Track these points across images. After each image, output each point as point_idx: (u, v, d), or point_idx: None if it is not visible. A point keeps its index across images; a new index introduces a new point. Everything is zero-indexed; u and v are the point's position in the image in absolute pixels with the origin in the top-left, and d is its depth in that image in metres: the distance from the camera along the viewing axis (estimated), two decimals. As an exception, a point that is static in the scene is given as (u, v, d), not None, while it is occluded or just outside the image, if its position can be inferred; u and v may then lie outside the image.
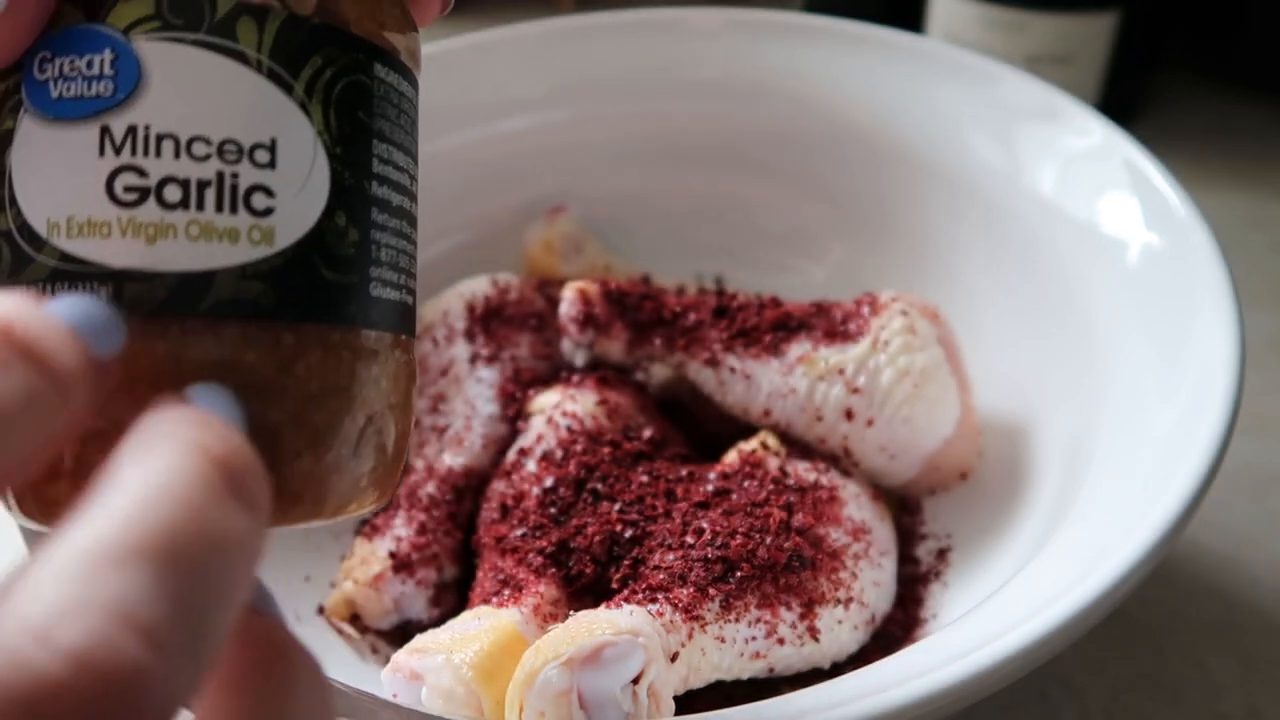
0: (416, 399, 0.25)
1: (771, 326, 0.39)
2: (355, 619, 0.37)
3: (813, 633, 0.32)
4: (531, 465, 0.37)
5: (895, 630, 0.35)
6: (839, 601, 0.33)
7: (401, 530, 0.38)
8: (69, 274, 0.20)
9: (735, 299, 0.40)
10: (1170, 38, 0.67)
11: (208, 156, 0.20)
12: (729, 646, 0.31)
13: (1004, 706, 0.36)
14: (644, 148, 0.50)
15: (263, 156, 0.20)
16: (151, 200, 0.20)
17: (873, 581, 0.35)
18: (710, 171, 0.51)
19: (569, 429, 0.38)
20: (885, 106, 0.46)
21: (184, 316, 0.20)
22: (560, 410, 0.38)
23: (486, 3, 0.85)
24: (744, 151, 0.50)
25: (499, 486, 0.38)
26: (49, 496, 0.20)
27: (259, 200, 0.20)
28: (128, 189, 0.20)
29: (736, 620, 0.31)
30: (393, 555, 0.37)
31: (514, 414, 0.41)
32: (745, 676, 0.32)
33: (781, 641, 0.32)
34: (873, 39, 0.47)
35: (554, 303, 0.44)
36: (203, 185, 0.20)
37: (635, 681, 0.27)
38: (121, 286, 0.20)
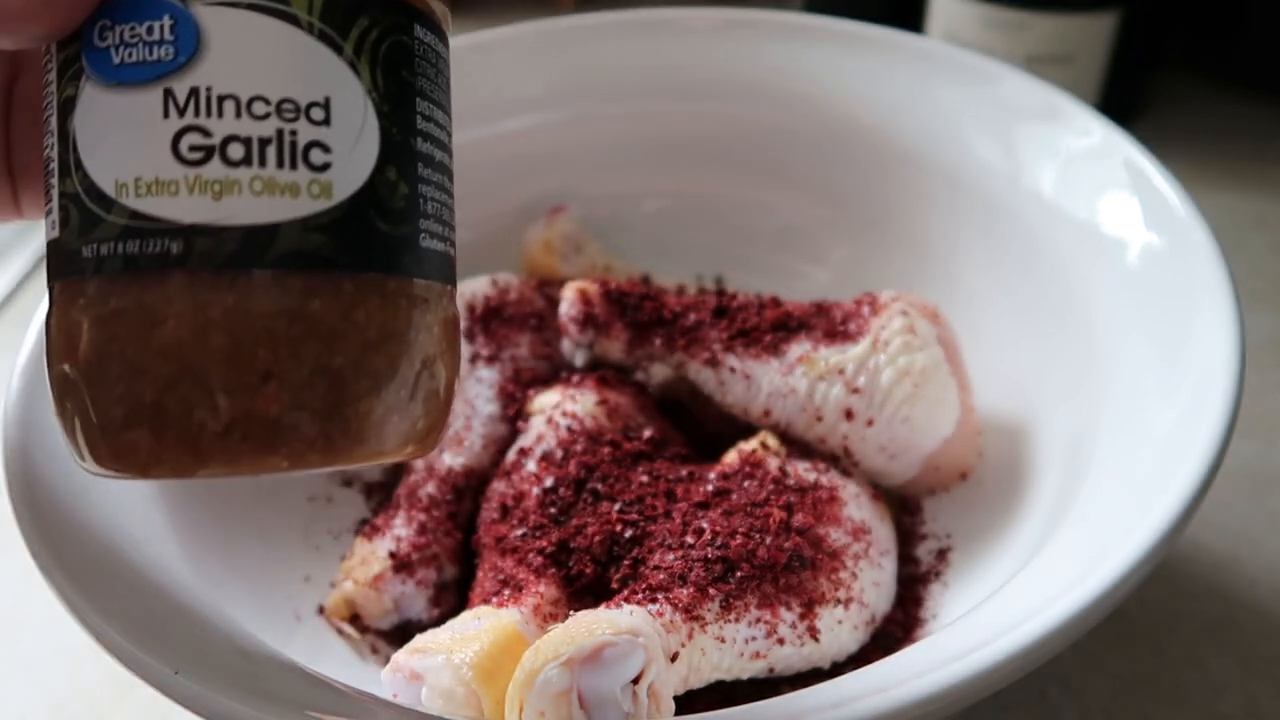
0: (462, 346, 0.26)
1: (771, 326, 0.39)
2: (355, 619, 0.37)
3: (813, 633, 0.32)
4: (531, 465, 0.37)
5: (895, 630, 0.35)
6: (839, 601, 0.33)
7: (401, 530, 0.38)
8: (139, 230, 0.20)
9: (735, 299, 0.40)
10: (1170, 38, 0.67)
11: (267, 115, 0.21)
12: (729, 646, 0.31)
13: (1004, 706, 0.36)
14: (644, 148, 0.50)
15: (318, 114, 0.21)
16: (216, 158, 0.20)
17: (873, 581, 0.35)
18: (710, 171, 0.51)
19: (569, 429, 0.38)
20: (886, 106, 0.46)
21: (251, 268, 0.21)
22: (560, 410, 0.38)
23: (486, 3, 0.85)
24: (744, 152, 0.50)
25: (499, 486, 0.38)
26: (127, 442, 0.21)
27: (317, 156, 0.21)
28: (193, 148, 0.20)
29: (736, 620, 0.31)
30: (393, 555, 0.37)
31: (514, 414, 0.41)
32: (745, 676, 0.32)
33: (781, 641, 0.32)
34: (873, 39, 0.47)
35: (554, 303, 0.44)
36: (264, 143, 0.21)
37: (635, 681, 0.27)
38: (191, 241, 0.20)
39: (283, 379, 0.21)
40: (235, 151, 0.20)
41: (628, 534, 0.34)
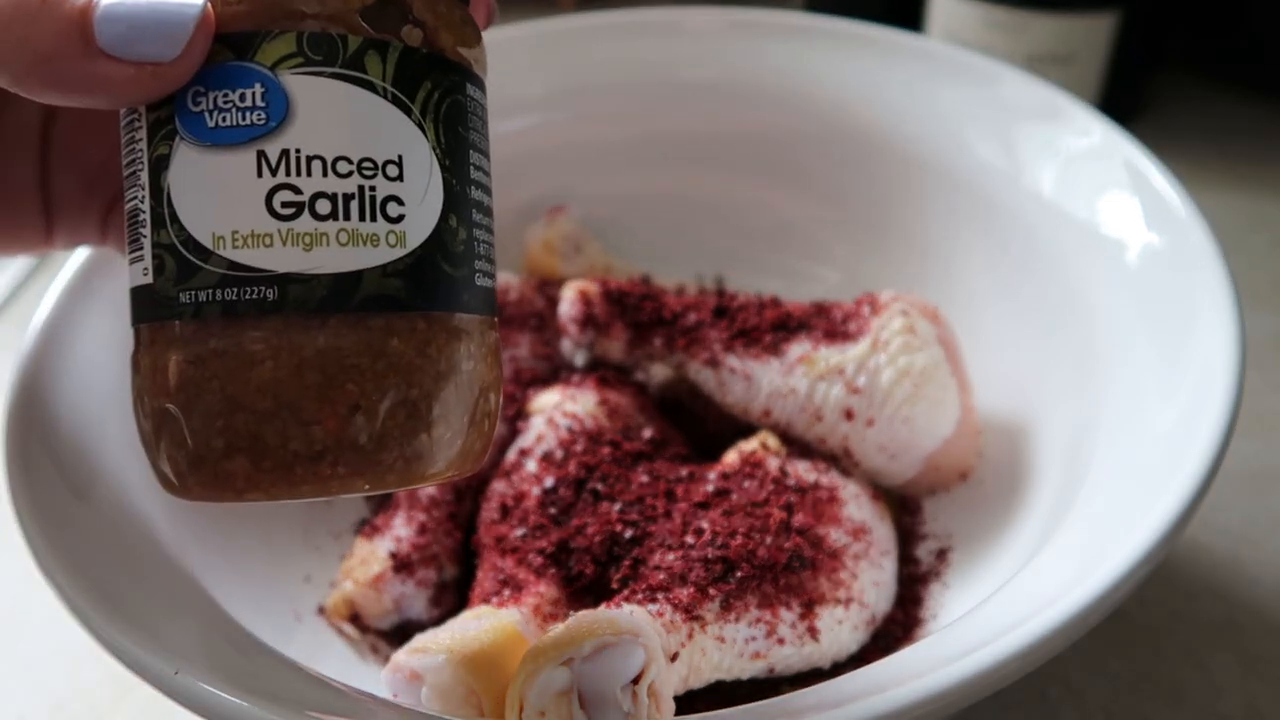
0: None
1: (771, 326, 0.39)
2: (355, 619, 0.37)
3: (813, 633, 0.32)
4: (531, 465, 0.37)
5: (895, 630, 0.35)
6: (839, 601, 0.33)
7: (401, 530, 0.38)
8: (237, 279, 0.22)
9: (735, 299, 0.40)
10: (1170, 38, 0.67)
11: (350, 173, 0.23)
12: (729, 646, 0.31)
13: (1004, 706, 0.36)
14: (644, 148, 0.50)
15: (393, 171, 0.23)
16: (306, 213, 0.23)
17: (873, 581, 0.35)
18: (710, 171, 0.51)
19: (569, 429, 0.38)
20: (886, 106, 0.46)
21: (340, 311, 0.23)
22: (560, 410, 0.38)
23: (486, 3, 0.84)
24: (744, 151, 0.50)
25: (499, 486, 0.38)
26: (226, 471, 0.23)
27: (393, 209, 0.23)
28: (285, 204, 0.22)
29: (736, 620, 0.31)
30: (393, 555, 0.37)
31: (514, 414, 0.41)
32: (745, 676, 0.32)
33: (781, 641, 0.32)
34: (873, 39, 0.47)
35: (554, 303, 0.44)
36: (348, 198, 0.23)
37: (635, 681, 0.27)
38: (286, 288, 0.22)
39: (369, 410, 0.23)
40: (323, 207, 0.23)
41: (628, 534, 0.34)
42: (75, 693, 0.39)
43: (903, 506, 0.40)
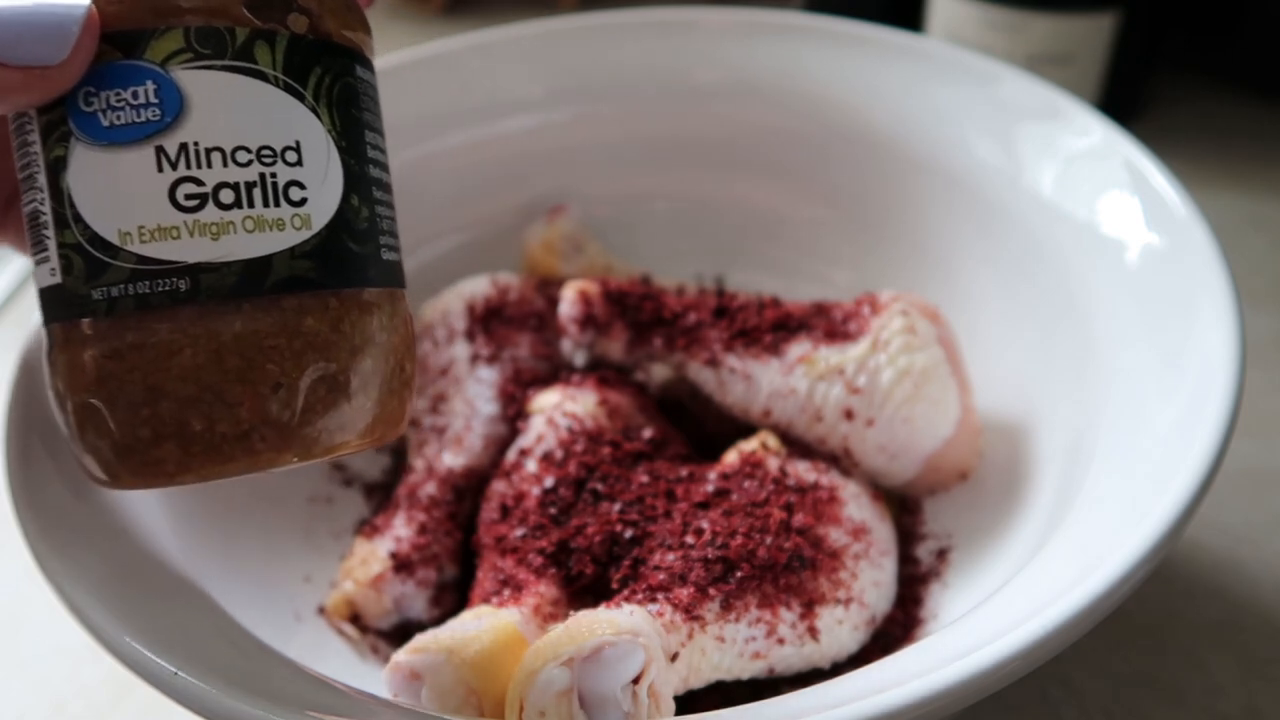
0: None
1: (771, 327, 0.39)
2: (355, 619, 0.37)
3: (813, 633, 0.32)
4: (531, 465, 0.37)
5: (895, 630, 0.35)
6: (839, 601, 0.33)
7: (402, 530, 0.38)
8: (148, 272, 0.23)
9: (735, 299, 0.40)
10: (1170, 38, 0.67)
11: (250, 162, 0.23)
12: (729, 646, 0.31)
13: (1004, 706, 0.36)
14: (644, 148, 0.50)
15: (292, 156, 0.24)
16: (211, 204, 0.23)
17: (873, 581, 0.35)
18: (710, 171, 0.51)
19: (569, 429, 0.38)
20: (885, 106, 0.46)
21: (252, 296, 0.23)
22: (560, 410, 0.38)
23: (486, 3, 0.85)
24: (744, 151, 0.50)
25: (499, 486, 0.38)
26: (155, 458, 0.23)
27: (295, 193, 0.24)
28: (189, 197, 0.23)
29: (736, 620, 0.31)
30: (393, 555, 0.37)
31: (514, 414, 0.41)
32: (745, 676, 0.32)
33: (781, 641, 0.32)
34: (873, 39, 0.47)
35: (554, 303, 0.44)
36: (250, 186, 0.23)
37: (635, 681, 0.27)
38: (197, 278, 0.23)
39: (290, 388, 0.24)
40: (226, 196, 0.23)
41: (628, 534, 0.34)
42: (75, 692, 0.39)
43: (903, 506, 0.40)
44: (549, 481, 0.36)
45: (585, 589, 0.34)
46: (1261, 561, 0.41)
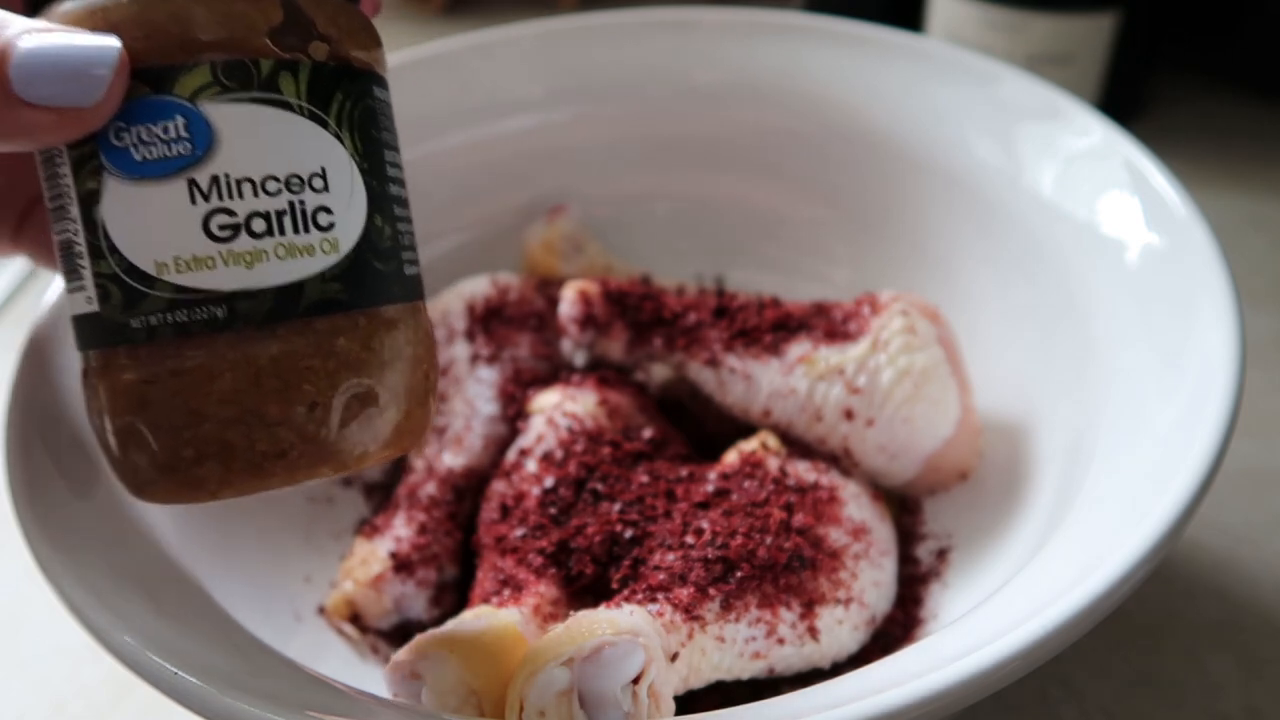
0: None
1: (771, 327, 0.39)
2: (355, 619, 0.37)
3: (813, 633, 0.32)
4: (531, 465, 0.37)
5: (895, 630, 0.35)
6: (839, 601, 0.33)
7: (402, 530, 0.38)
8: (185, 302, 0.23)
9: (735, 299, 0.40)
10: (1170, 38, 0.67)
11: (279, 191, 0.24)
12: (729, 646, 0.31)
13: (1004, 706, 0.36)
14: (644, 148, 0.50)
15: (318, 183, 0.24)
16: (243, 233, 0.24)
17: (873, 581, 0.35)
18: (710, 171, 0.51)
19: (569, 429, 0.38)
20: (885, 106, 0.46)
21: (287, 320, 0.24)
22: (560, 410, 0.38)
23: (486, 3, 0.85)
24: (744, 151, 0.50)
25: (499, 486, 0.38)
26: (197, 477, 0.24)
27: (323, 218, 0.24)
28: (222, 227, 0.23)
29: (736, 620, 0.31)
30: (393, 555, 0.37)
31: (514, 414, 0.41)
32: (745, 676, 0.32)
33: (781, 641, 0.32)
34: (873, 39, 0.47)
35: (554, 303, 0.44)
36: (280, 214, 0.24)
37: (635, 681, 0.27)
38: (234, 305, 0.24)
39: (326, 406, 0.24)
40: (258, 225, 0.24)
41: (628, 534, 0.34)
42: (75, 692, 0.39)
43: (903, 506, 0.40)
44: (549, 481, 0.36)
45: (585, 589, 0.34)
46: (1261, 561, 0.41)
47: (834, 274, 0.49)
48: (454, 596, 0.38)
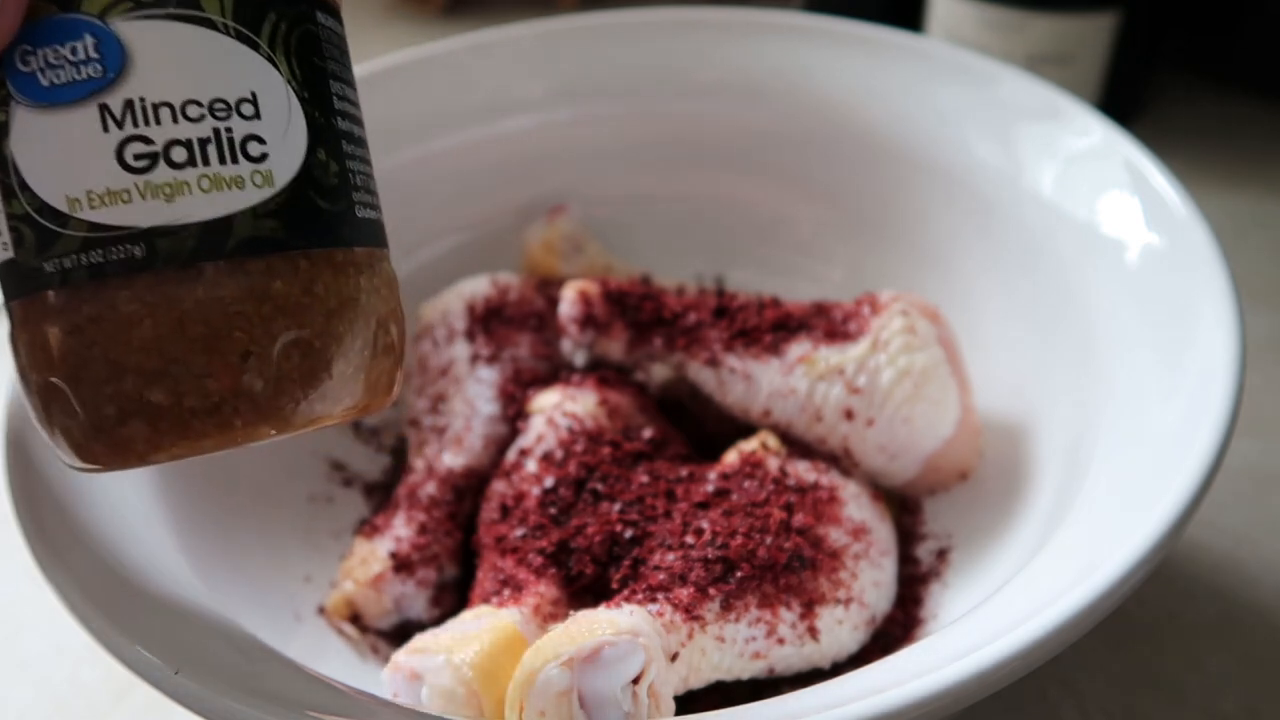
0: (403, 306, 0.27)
1: (771, 327, 0.39)
2: (355, 619, 0.37)
3: (813, 633, 0.32)
4: (531, 465, 0.37)
5: (895, 630, 0.35)
6: (839, 601, 0.33)
7: (402, 530, 0.38)
8: (100, 240, 0.22)
9: (735, 299, 0.40)
10: (1170, 37, 0.67)
11: (202, 117, 0.22)
12: (729, 646, 0.31)
13: (1004, 707, 0.36)
14: (644, 148, 0.50)
15: (248, 109, 0.22)
16: (162, 163, 0.22)
17: (873, 581, 0.35)
18: (710, 171, 0.51)
19: (569, 429, 0.38)
20: (885, 106, 0.46)
21: (214, 260, 0.22)
22: (560, 410, 0.38)
23: (487, 3, 0.85)
24: (744, 151, 0.50)
25: (499, 486, 0.38)
26: (123, 437, 0.22)
27: (254, 148, 0.22)
28: (138, 156, 0.22)
29: (736, 620, 0.31)
30: (393, 555, 0.37)
31: (514, 414, 0.41)
32: (745, 676, 0.32)
33: (781, 641, 0.32)
34: (873, 39, 0.47)
35: (554, 303, 0.44)
36: (203, 143, 0.22)
37: (635, 681, 0.27)
38: (153, 243, 0.22)
39: (261, 355, 0.22)
40: (179, 155, 0.22)
41: (628, 534, 0.34)
42: (75, 692, 0.39)
43: (903, 506, 0.40)
44: (549, 481, 0.36)
45: (585, 589, 0.34)
46: (1261, 561, 0.41)
47: (834, 274, 0.49)
48: (454, 596, 0.38)
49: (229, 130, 0.22)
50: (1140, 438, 0.30)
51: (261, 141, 0.23)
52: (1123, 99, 0.63)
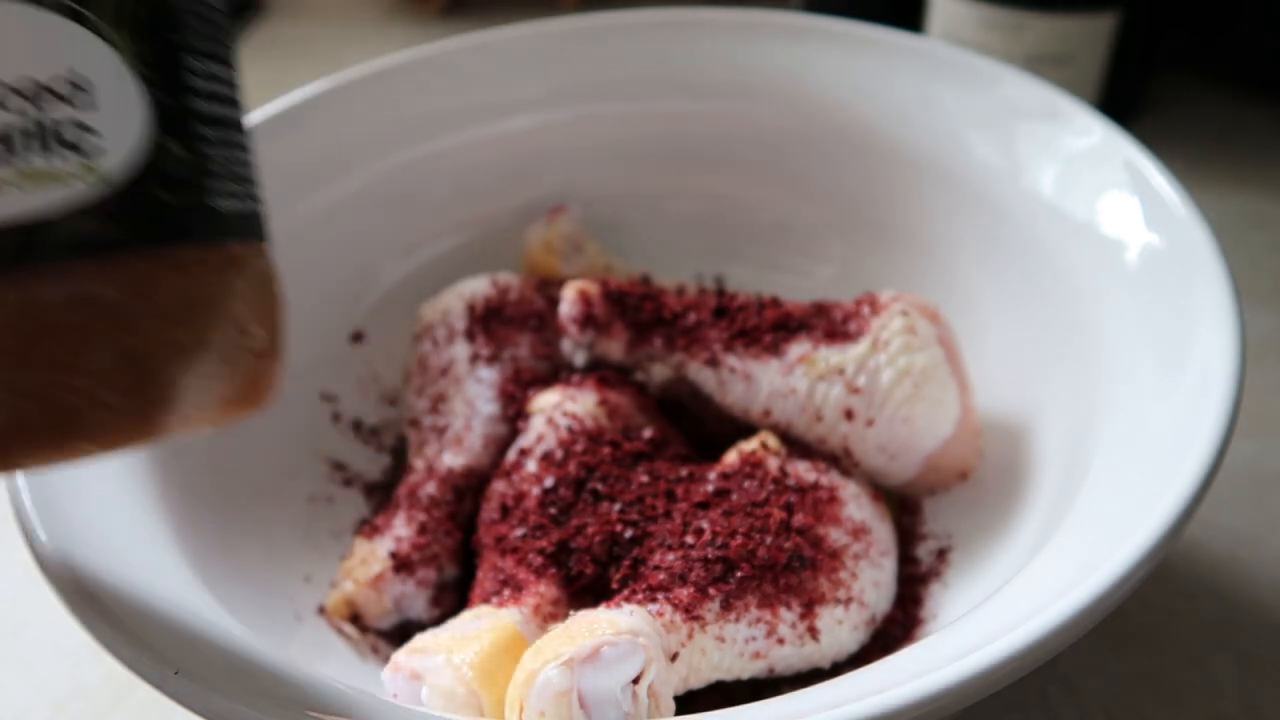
0: (283, 294, 0.25)
1: (771, 326, 0.39)
2: (355, 619, 0.37)
3: (813, 633, 0.32)
4: (531, 465, 0.37)
5: (895, 630, 0.35)
6: (839, 601, 0.33)
7: (402, 530, 0.38)
8: None
9: (735, 299, 0.40)
10: (1170, 38, 0.67)
11: (16, 104, 0.19)
12: (729, 646, 0.31)
13: (1004, 706, 0.36)
14: (644, 148, 0.50)
15: (70, 93, 0.20)
16: None
17: (873, 581, 0.35)
18: (711, 171, 0.51)
19: (569, 429, 0.38)
20: (885, 106, 0.46)
21: (31, 263, 0.20)
22: (560, 410, 0.38)
23: (487, 3, 0.85)
24: (744, 151, 0.50)
25: (499, 486, 0.38)
26: None
27: (78, 137, 0.20)
28: None
29: (736, 620, 0.31)
30: (393, 555, 0.37)
31: (514, 414, 0.41)
32: (745, 676, 0.32)
33: (781, 641, 0.32)
34: (873, 39, 0.47)
35: (554, 303, 0.44)
36: (19, 133, 0.20)
37: (635, 681, 0.27)
38: None
39: (80, 368, 0.20)
40: None
41: (628, 534, 0.34)
42: (75, 692, 0.39)
43: (903, 506, 0.40)
44: (549, 481, 0.36)
45: (585, 589, 0.34)
46: (1261, 561, 0.41)
47: (833, 274, 0.49)
48: (454, 596, 0.38)
49: (51, 119, 0.20)
50: (1140, 438, 0.30)
51: (90, 130, 0.20)
52: (1122, 99, 0.63)
